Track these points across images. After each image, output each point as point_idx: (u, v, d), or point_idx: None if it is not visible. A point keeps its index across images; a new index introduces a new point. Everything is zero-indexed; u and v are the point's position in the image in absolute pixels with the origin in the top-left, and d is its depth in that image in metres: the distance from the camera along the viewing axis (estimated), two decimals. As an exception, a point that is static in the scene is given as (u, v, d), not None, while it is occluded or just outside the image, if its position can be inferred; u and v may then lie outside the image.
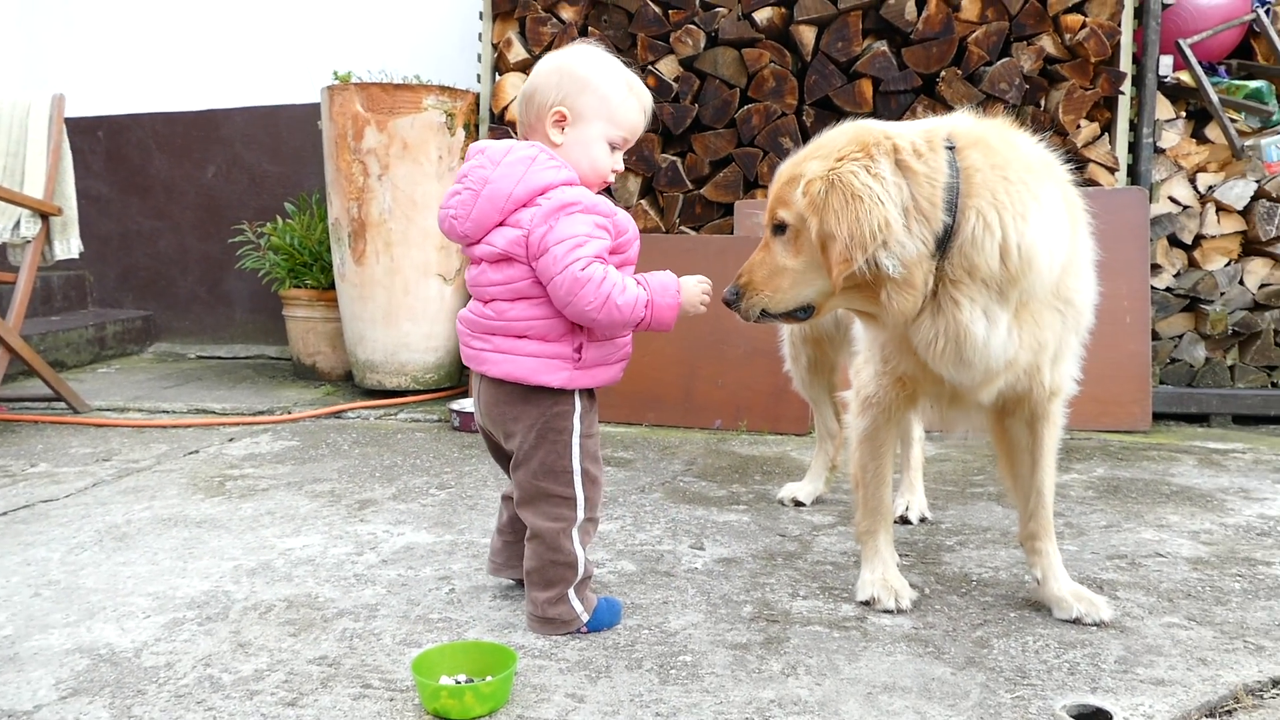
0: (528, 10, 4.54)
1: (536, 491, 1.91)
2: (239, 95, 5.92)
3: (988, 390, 1.94)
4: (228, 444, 3.68)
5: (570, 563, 1.91)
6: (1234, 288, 4.22)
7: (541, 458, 1.89)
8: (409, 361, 4.62)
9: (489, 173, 1.84)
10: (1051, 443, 2.09)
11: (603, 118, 1.90)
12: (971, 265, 1.77)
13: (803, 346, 2.86)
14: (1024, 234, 1.75)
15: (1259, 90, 4.23)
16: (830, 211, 1.75)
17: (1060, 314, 1.90)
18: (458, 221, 1.87)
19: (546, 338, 1.86)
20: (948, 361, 1.85)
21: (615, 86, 1.91)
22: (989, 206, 1.76)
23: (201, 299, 6.14)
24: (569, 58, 1.92)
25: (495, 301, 1.88)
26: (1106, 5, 4.05)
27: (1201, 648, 1.87)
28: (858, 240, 1.72)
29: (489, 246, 1.85)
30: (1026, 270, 1.77)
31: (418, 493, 3.01)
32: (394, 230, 4.50)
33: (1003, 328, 1.81)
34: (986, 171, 1.78)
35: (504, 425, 1.93)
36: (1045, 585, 2.07)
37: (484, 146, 1.89)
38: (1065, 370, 2.02)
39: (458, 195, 1.87)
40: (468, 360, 1.95)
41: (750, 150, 4.32)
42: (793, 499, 2.90)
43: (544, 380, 1.86)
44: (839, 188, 1.75)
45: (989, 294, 1.79)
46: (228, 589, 2.19)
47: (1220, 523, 2.69)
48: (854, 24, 4.18)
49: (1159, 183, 4.23)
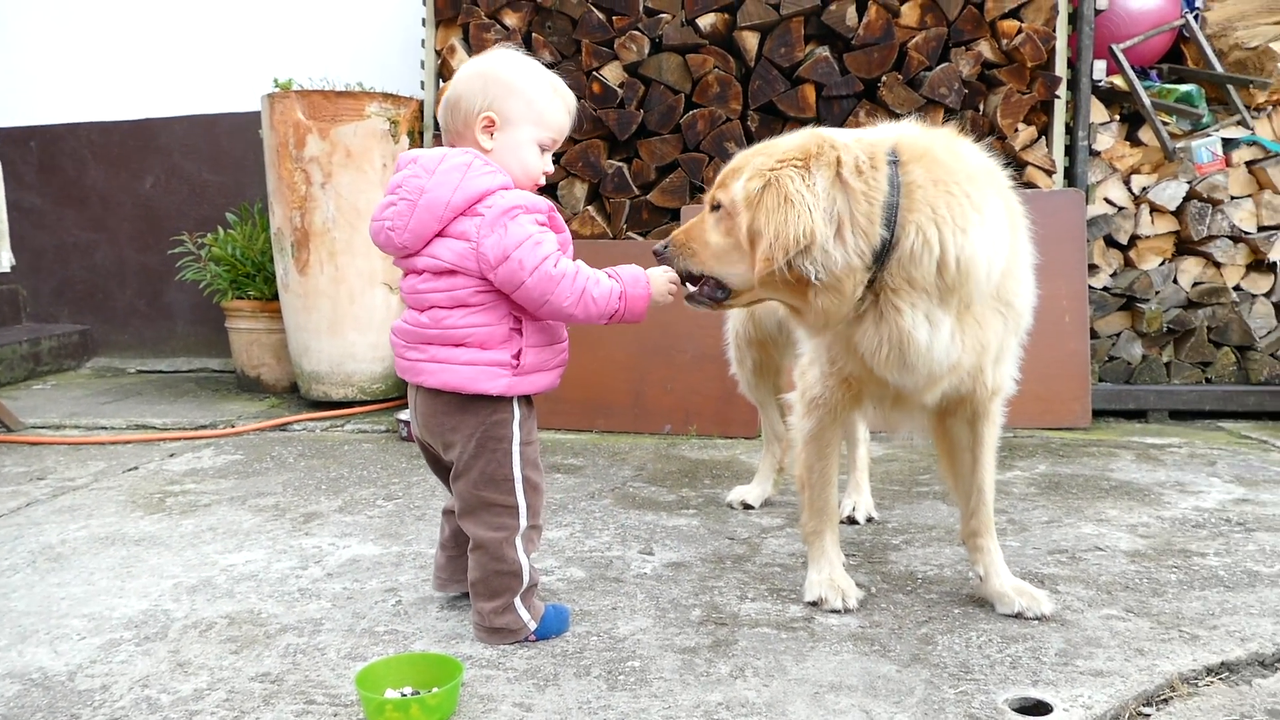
0: (471, 17, 4.52)
1: (478, 501, 1.90)
2: (177, 104, 5.81)
3: (932, 393, 1.98)
4: (168, 459, 3.60)
5: (515, 571, 1.90)
6: (1168, 286, 4.32)
7: (482, 467, 1.88)
8: (355, 372, 4.56)
9: (424, 181, 1.82)
10: (991, 441, 2.13)
11: (531, 121, 1.90)
12: (910, 276, 1.82)
13: (747, 349, 2.88)
14: (963, 247, 1.80)
15: (1189, 94, 4.34)
16: (762, 209, 1.81)
17: (1002, 316, 1.95)
18: (395, 233, 1.84)
19: (485, 345, 1.85)
20: (892, 366, 1.89)
21: (541, 89, 1.91)
22: (929, 222, 1.80)
23: (141, 312, 6.02)
24: (492, 63, 1.92)
25: (434, 309, 1.86)
26: (1041, 11, 4.13)
27: (1139, 638, 1.91)
28: (780, 242, 1.78)
29: (432, 259, 1.84)
30: (965, 280, 1.82)
31: (365, 504, 2.97)
32: (338, 239, 4.44)
33: (945, 332, 1.85)
34: (928, 187, 1.81)
35: (442, 436, 1.92)
36: (988, 581, 2.10)
37: (415, 155, 1.88)
38: (1006, 370, 2.07)
39: (393, 206, 1.85)
40: (403, 372, 1.93)
41: (696, 155, 4.34)
42: (741, 502, 2.91)
43: (482, 388, 1.85)
44: (773, 189, 1.81)
45: (930, 300, 1.83)
46: (167, 608, 2.14)
47: (1157, 516, 2.75)
48: (796, 30, 4.22)
49: (1095, 184, 4.32)
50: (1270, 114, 4.37)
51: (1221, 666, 1.79)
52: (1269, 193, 4.26)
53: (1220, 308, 4.29)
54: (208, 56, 5.76)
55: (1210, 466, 3.34)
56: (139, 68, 5.86)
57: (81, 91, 5.92)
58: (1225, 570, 2.29)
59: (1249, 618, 2.00)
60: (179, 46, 5.80)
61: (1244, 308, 4.29)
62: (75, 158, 5.97)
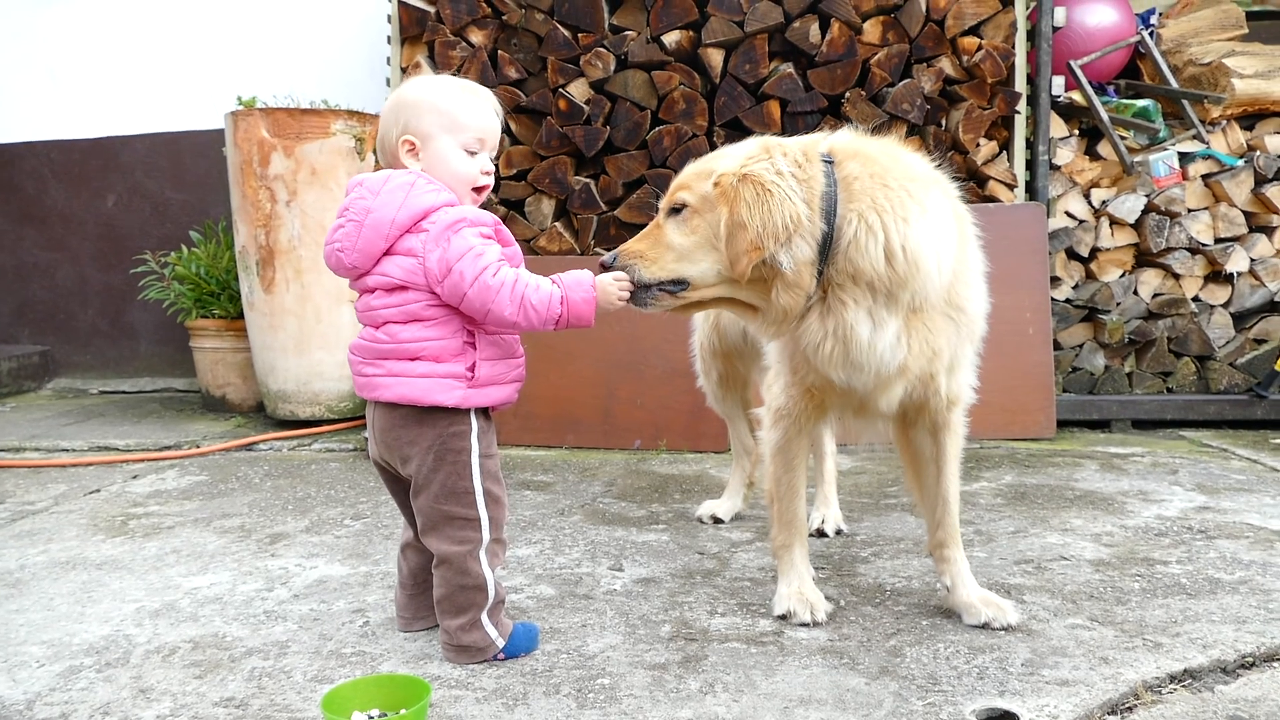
0: (436, 34, 4.52)
1: (439, 516, 1.89)
2: (139, 121, 5.76)
3: (886, 397, 1.98)
4: (131, 481, 3.55)
5: (480, 586, 1.89)
6: (1129, 298, 4.39)
7: (442, 480, 1.88)
8: (323, 390, 4.53)
9: (370, 202, 1.84)
10: (954, 451, 2.15)
11: (446, 129, 1.90)
12: (855, 269, 1.84)
13: (713, 361, 2.89)
14: (908, 236, 1.83)
15: (1146, 109, 4.42)
16: (742, 202, 1.82)
17: (954, 321, 1.96)
18: (345, 254, 1.86)
19: (440, 358, 1.86)
20: (836, 363, 1.90)
21: (448, 96, 1.92)
22: (869, 210, 1.84)
23: (103, 332, 5.94)
24: (401, 91, 1.95)
25: (388, 325, 1.87)
26: (1001, 28, 4.20)
27: (1103, 647, 1.93)
28: (769, 230, 1.80)
29: (382, 276, 1.86)
30: (914, 272, 1.84)
31: (332, 524, 2.94)
32: (304, 257, 4.41)
33: (890, 332, 1.88)
34: (865, 179, 1.86)
35: (400, 450, 1.91)
36: (955, 592, 2.12)
37: (362, 179, 1.90)
38: (962, 379, 2.08)
39: (341, 229, 1.87)
40: (361, 389, 1.93)
41: (663, 171, 4.36)
42: (712, 516, 2.91)
43: (438, 400, 1.85)
44: (751, 181, 1.84)
45: (875, 297, 1.86)
46: (129, 632, 2.11)
47: (1121, 525, 2.78)
48: (761, 47, 4.25)
49: (1055, 198, 4.38)
50: (1225, 128, 4.47)
51: (1184, 674, 1.82)
52: (1225, 205, 4.34)
53: (1180, 318, 4.36)
54: (171, 73, 5.72)
55: (1172, 475, 3.39)
56: (100, 85, 5.81)
57: (41, 109, 5.86)
58: (1187, 578, 2.32)
59: (1211, 625, 2.03)
60: (141, 63, 5.76)
61: (1203, 318, 4.37)
62: (35, 176, 5.90)
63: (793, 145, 1.91)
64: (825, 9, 4.20)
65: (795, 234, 1.82)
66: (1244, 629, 2.00)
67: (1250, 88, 4.35)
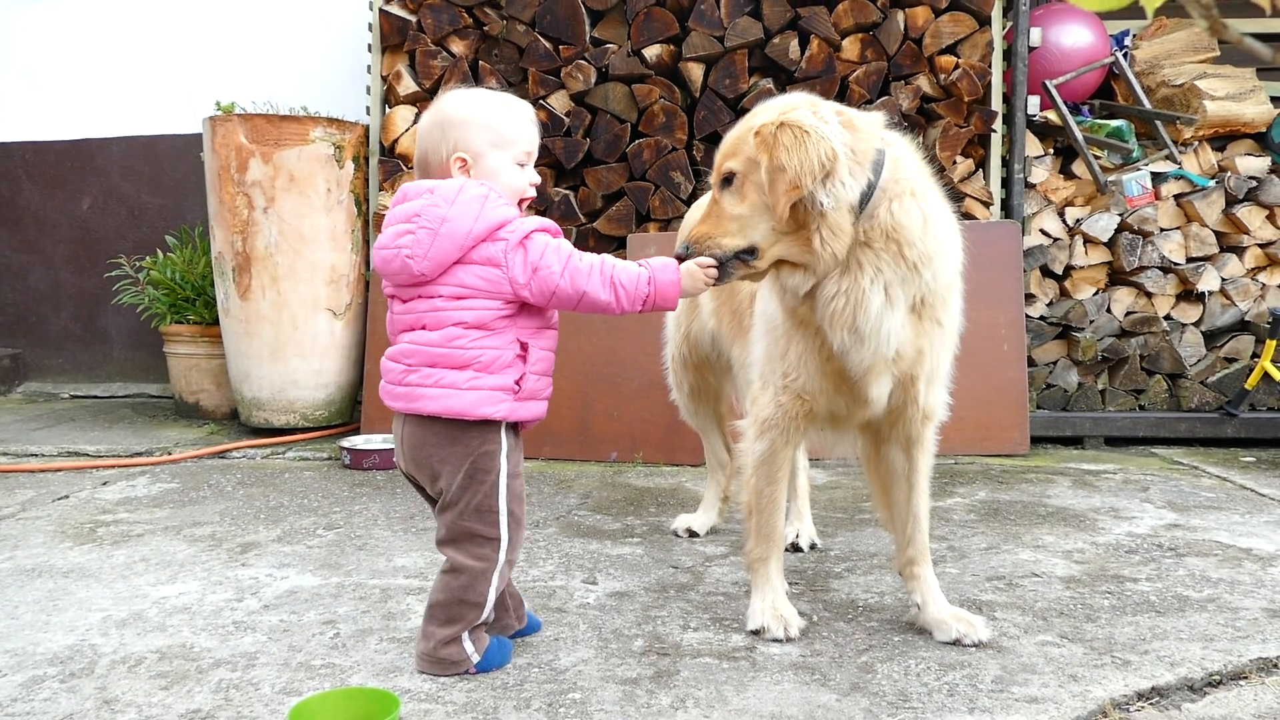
0: (417, 44, 4.52)
1: (462, 532, 1.89)
2: (116, 124, 5.72)
3: (877, 386, 2.00)
4: (101, 488, 3.51)
5: (479, 604, 1.89)
6: (1102, 315, 4.43)
7: (469, 499, 1.87)
8: (298, 398, 4.50)
9: (445, 211, 1.82)
10: (926, 468, 2.17)
11: (496, 145, 1.91)
12: (895, 225, 1.89)
13: (684, 373, 2.91)
14: (939, 222, 1.94)
15: (1120, 129, 4.47)
16: (780, 147, 1.87)
17: (941, 326, 2.02)
18: (414, 260, 1.82)
19: (489, 369, 1.86)
20: (844, 325, 1.93)
21: (494, 112, 1.93)
22: (912, 188, 1.93)
23: (76, 336, 5.89)
24: (443, 108, 1.94)
25: (454, 328, 1.85)
26: (977, 47, 4.24)
27: (1072, 664, 1.94)
28: (806, 168, 1.84)
29: (456, 286, 1.84)
30: (939, 251, 1.93)
31: (304, 534, 2.92)
32: (281, 264, 4.39)
33: (899, 314, 1.93)
34: (908, 166, 1.96)
35: (430, 466, 1.90)
36: (925, 610, 2.12)
37: (432, 185, 1.87)
38: (939, 394, 2.12)
39: (410, 234, 1.83)
40: (395, 399, 1.90)
41: (642, 184, 4.37)
42: (687, 530, 2.91)
43: (484, 412, 1.85)
44: (788, 127, 1.88)
45: (898, 271, 1.91)
46: (95, 642, 2.08)
47: (1092, 541, 2.81)
48: (740, 62, 4.28)
49: (1031, 216, 4.43)
50: (1197, 149, 4.53)
51: (1152, 691, 1.83)
52: (1196, 225, 4.40)
53: (1152, 336, 4.41)
54: (149, 77, 5.69)
55: (1143, 492, 3.42)
56: (77, 87, 5.76)
57: (17, 110, 5.81)
58: (1156, 595, 2.34)
59: (1179, 642, 2.04)
60: (120, 66, 5.72)
61: (1174, 336, 4.42)
62: (9, 178, 5.85)
63: (847, 109, 1.98)
64: (805, 26, 4.24)
65: (834, 171, 1.85)
66: (1211, 647, 2.02)
67: (1221, 109, 4.42)
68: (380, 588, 2.43)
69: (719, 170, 2.02)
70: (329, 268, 4.46)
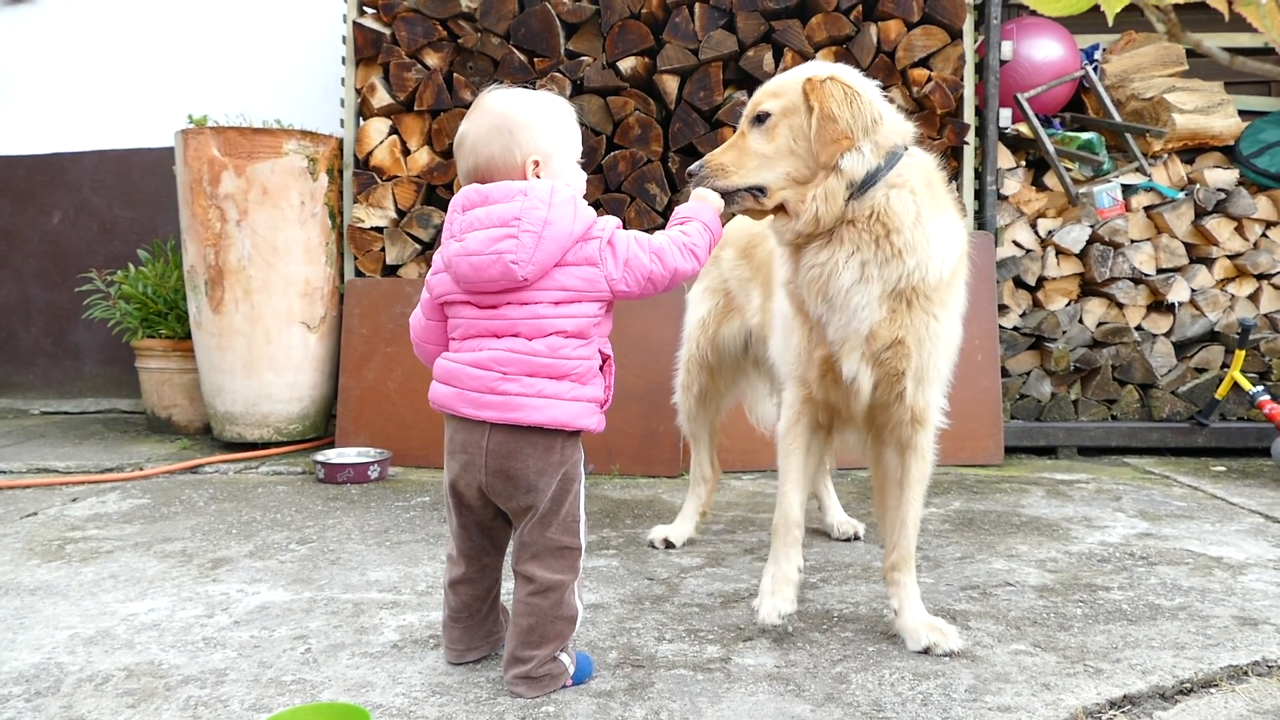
0: (392, 56, 4.51)
1: (550, 546, 1.85)
2: (88, 138, 5.68)
3: (849, 361, 2.07)
4: (70, 504, 3.47)
5: (572, 617, 1.87)
6: (1074, 326, 4.47)
7: (561, 510, 1.86)
8: (272, 412, 4.46)
9: (546, 214, 1.80)
10: (919, 476, 2.19)
11: (561, 145, 1.92)
12: (887, 210, 2.00)
13: (698, 375, 2.94)
14: (931, 219, 2.03)
15: (1090, 141, 4.52)
16: (831, 98, 1.99)
17: (936, 322, 2.07)
18: (519, 265, 1.78)
19: (584, 379, 1.86)
20: (817, 292, 2.06)
21: (555, 111, 1.94)
22: (910, 187, 2.03)
23: (46, 351, 5.82)
24: (500, 109, 1.90)
25: (556, 336, 1.82)
26: (950, 61, 4.28)
27: (1045, 673, 1.94)
28: (860, 122, 1.99)
29: (559, 290, 1.83)
30: (924, 243, 2.00)
31: (277, 549, 2.89)
32: (254, 277, 4.36)
33: (873, 293, 2.02)
34: (919, 168, 2.07)
35: (525, 480, 1.83)
36: (900, 616, 2.14)
37: (523, 188, 1.82)
38: (930, 396, 2.15)
39: (512, 238, 1.78)
40: (482, 407, 1.82)
41: (618, 196, 4.37)
42: (664, 539, 2.91)
43: (585, 424, 1.86)
44: (840, 81, 2.02)
45: (874, 252, 2.00)
46: (61, 660, 2.05)
47: (1065, 551, 2.82)
48: (715, 74, 4.30)
49: (1003, 227, 4.46)
50: (1166, 161, 4.58)
51: (1124, 699, 1.84)
52: (1166, 236, 4.45)
53: (1123, 347, 4.45)
54: (121, 90, 5.65)
55: (1116, 502, 3.44)
56: (49, 101, 5.72)
57: (-14, 124, 5.75)
58: (1128, 604, 2.35)
59: (1150, 650, 2.06)
60: (91, 80, 5.68)
61: (1146, 347, 4.46)
62: (-22, 192, 5.79)
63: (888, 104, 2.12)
64: (778, 39, 4.26)
65: (874, 132, 1.99)
66: (1183, 655, 2.03)
67: (1190, 122, 4.48)
68: (353, 602, 2.41)
69: (755, 106, 2.11)
70: (303, 281, 4.44)
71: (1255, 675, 1.95)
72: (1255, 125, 4.57)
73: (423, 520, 3.24)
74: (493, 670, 1.98)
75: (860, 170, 1.99)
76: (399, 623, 2.26)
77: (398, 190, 4.57)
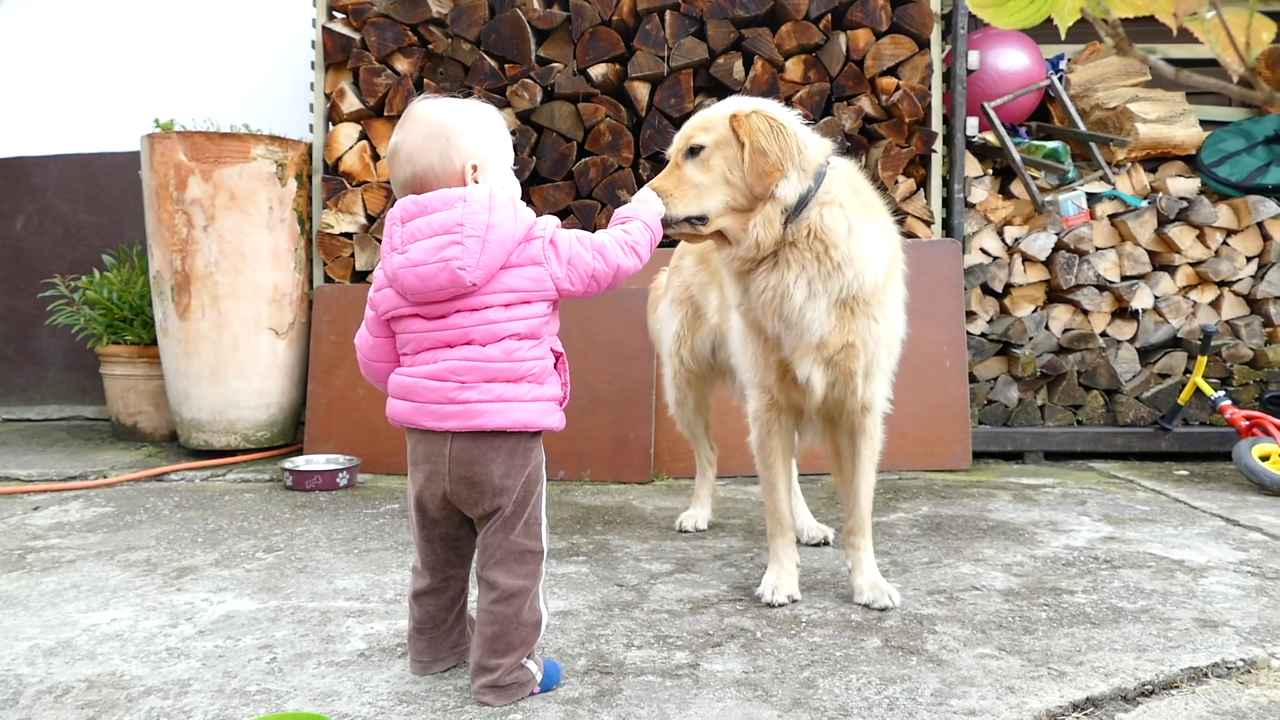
0: (362, 61, 4.49)
1: (513, 550, 1.84)
2: (53, 142, 5.61)
3: (803, 365, 2.30)
4: (32, 513, 3.42)
5: (536, 622, 1.87)
6: (1041, 333, 4.52)
7: (525, 513, 1.85)
8: (239, 419, 4.42)
9: (488, 217, 1.79)
10: (868, 454, 2.47)
11: (496, 151, 1.93)
12: (822, 229, 2.18)
13: (688, 390, 3.19)
14: (862, 231, 2.22)
15: (1056, 150, 4.58)
16: (759, 132, 2.15)
17: (877, 324, 2.31)
18: (466, 271, 1.77)
19: (540, 380, 1.86)
20: (772, 313, 2.25)
21: (486, 118, 1.94)
22: (842, 200, 2.22)
23: (8, 357, 5.74)
24: (434, 118, 1.89)
25: (509, 339, 1.82)
26: (917, 70, 4.32)
27: (1010, 676, 1.96)
28: (787, 153, 2.15)
29: (506, 292, 1.83)
30: (859, 254, 2.20)
31: (243, 557, 2.86)
32: (221, 283, 4.32)
33: (820, 307, 2.22)
34: (844, 182, 2.26)
35: (490, 484, 1.83)
36: (853, 575, 2.47)
37: (462, 194, 1.81)
38: (876, 388, 2.41)
39: (457, 245, 1.77)
40: (444, 419, 1.81)
41: (588, 202, 4.38)
42: (693, 525, 3.18)
43: (548, 424, 1.86)
44: (764, 115, 2.19)
45: (818, 270, 2.19)
46: (20, 672, 2.02)
47: (1031, 555, 2.85)
48: (686, 81, 4.31)
49: (971, 235, 4.51)
50: (1129, 170, 4.65)
51: (1086, 702, 1.86)
52: (1130, 244, 4.51)
53: (1089, 353, 4.50)
54: (87, 94, 5.59)
55: (1081, 506, 3.48)
56: (12, 104, 5.65)
57: (-53, 127, 5.66)
58: (1092, 607, 2.38)
59: (1113, 653, 2.08)
60: (56, 83, 5.61)
61: (1110, 353, 4.52)
62: (-61, 196, 5.70)
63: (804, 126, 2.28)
64: (749, 47, 4.28)
65: (800, 162, 2.15)
66: (1144, 657, 2.05)
67: (1153, 132, 4.54)
68: (320, 611, 2.39)
69: (686, 139, 2.24)
70: (271, 287, 4.40)
71: (1215, 677, 1.98)
72: (1216, 135, 4.64)
73: (391, 528, 3.23)
74: (460, 679, 1.97)
75: (793, 195, 2.16)
76: (366, 631, 2.25)
77: (367, 196, 4.55)
